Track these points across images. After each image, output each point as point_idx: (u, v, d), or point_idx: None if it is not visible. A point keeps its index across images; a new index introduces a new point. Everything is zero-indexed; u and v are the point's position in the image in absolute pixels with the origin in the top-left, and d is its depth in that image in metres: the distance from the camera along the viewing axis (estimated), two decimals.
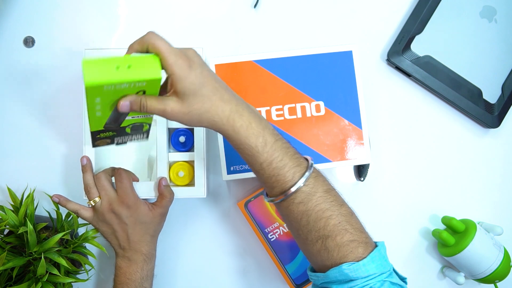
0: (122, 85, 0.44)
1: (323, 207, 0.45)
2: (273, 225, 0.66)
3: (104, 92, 0.44)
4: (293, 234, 0.50)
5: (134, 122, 0.52)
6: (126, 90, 0.45)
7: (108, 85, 0.43)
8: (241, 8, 0.73)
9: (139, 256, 0.60)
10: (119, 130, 0.53)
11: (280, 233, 0.66)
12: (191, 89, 0.45)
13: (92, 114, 0.47)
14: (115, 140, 0.56)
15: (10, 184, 0.67)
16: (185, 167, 0.65)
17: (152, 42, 0.44)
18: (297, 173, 0.46)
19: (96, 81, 0.42)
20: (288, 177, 0.46)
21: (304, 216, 0.46)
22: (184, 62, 0.45)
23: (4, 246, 0.57)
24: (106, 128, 0.51)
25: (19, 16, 0.71)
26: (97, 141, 0.55)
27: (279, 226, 0.66)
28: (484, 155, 0.74)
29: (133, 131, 0.54)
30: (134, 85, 0.44)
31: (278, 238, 0.66)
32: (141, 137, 0.57)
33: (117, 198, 0.59)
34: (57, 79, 0.71)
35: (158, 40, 0.45)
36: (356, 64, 0.64)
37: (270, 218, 0.66)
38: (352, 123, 0.63)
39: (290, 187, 0.45)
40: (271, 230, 0.66)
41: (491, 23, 0.72)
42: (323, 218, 0.45)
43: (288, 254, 0.66)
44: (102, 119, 0.49)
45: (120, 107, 0.46)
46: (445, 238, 0.67)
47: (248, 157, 0.47)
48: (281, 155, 0.46)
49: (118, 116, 0.49)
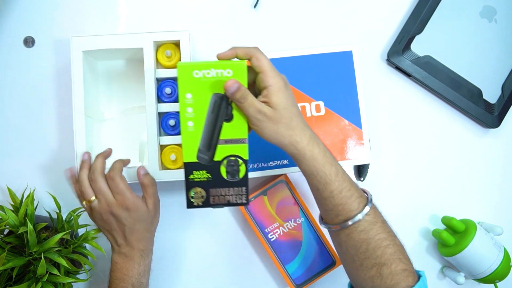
0: (210, 72, 0.49)
1: (382, 236, 0.50)
2: (273, 225, 0.66)
3: (194, 82, 0.49)
4: (345, 258, 0.53)
5: (229, 153, 0.51)
6: (214, 82, 0.49)
7: (197, 69, 0.49)
8: (241, 8, 0.73)
9: (136, 252, 0.59)
10: (214, 171, 0.52)
11: (280, 233, 0.66)
12: (285, 103, 0.49)
13: (185, 128, 0.50)
14: (210, 194, 0.52)
15: (10, 184, 0.67)
16: (177, 150, 0.65)
17: (257, 56, 0.49)
18: (361, 203, 0.50)
19: (186, 63, 0.49)
20: (354, 206, 0.50)
21: (364, 243, 0.49)
22: (282, 79, 0.50)
23: (4, 246, 0.57)
24: (200, 158, 0.51)
25: (19, 16, 0.71)
26: (191, 188, 0.52)
27: (279, 226, 0.66)
28: (484, 155, 0.74)
29: (229, 175, 0.52)
30: (221, 73, 0.49)
31: (278, 238, 0.66)
32: (239, 191, 0.53)
33: (116, 202, 0.57)
34: (57, 79, 0.71)
35: (263, 55, 0.50)
36: (356, 64, 0.64)
37: (270, 218, 0.66)
38: (352, 123, 0.64)
39: (355, 216, 0.49)
40: (271, 230, 0.66)
41: (491, 23, 0.72)
42: (381, 247, 0.49)
43: (288, 254, 0.66)
44: (194, 137, 0.50)
45: (228, 86, 0.48)
46: (445, 238, 0.67)
47: (319, 184, 0.50)
48: (349, 185, 0.50)
49: (212, 135, 0.51)
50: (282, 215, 0.67)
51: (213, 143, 0.51)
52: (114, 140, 0.70)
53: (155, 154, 0.63)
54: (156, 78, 0.65)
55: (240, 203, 0.53)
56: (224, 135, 0.51)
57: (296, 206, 0.67)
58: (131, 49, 0.64)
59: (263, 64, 0.49)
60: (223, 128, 0.51)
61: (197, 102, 0.50)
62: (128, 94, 0.70)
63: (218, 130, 0.51)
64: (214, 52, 0.72)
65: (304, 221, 0.67)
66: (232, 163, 0.52)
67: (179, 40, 0.63)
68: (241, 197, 0.53)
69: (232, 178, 0.52)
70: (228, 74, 0.49)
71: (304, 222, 0.67)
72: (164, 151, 0.65)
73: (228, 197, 0.53)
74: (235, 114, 0.51)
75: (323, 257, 0.67)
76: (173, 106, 0.65)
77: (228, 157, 0.52)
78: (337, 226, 0.51)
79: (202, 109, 0.50)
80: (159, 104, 0.64)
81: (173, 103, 0.65)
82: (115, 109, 0.70)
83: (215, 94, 0.50)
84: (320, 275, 0.66)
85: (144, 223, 0.59)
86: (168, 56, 0.65)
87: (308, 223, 0.67)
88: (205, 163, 0.51)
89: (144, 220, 0.59)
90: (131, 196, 0.58)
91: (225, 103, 0.50)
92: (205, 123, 0.51)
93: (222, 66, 0.49)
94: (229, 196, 0.53)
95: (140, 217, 0.59)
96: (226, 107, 0.51)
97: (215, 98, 0.50)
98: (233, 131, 0.51)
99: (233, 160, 0.52)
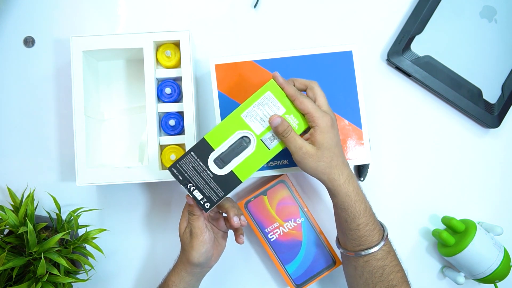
0: None
1: (395, 263, 0.56)
2: (273, 225, 0.66)
3: None
4: (357, 280, 0.58)
5: None
6: None
7: None
8: (241, 8, 0.73)
9: (202, 274, 0.61)
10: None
11: (280, 233, 0.66)
12: (328, 143, 0.53)
13: None
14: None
15: (10, 184, 0.67)
16: (177, 150, 0.65)
17: (316, 92, 0.55)
18: (380, 235, 0.56)
19: None
20: (375, 238, 0.56)
21: (380, 269, 0.56)
22: (329, 120, 0.53)
23: (4, 246, 0.58)
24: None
25: (19, 16, 0.71)
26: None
27: (279, 226, 0.66)
28: (484, 155, 0.74)
29: None
30: None
31: (278, 238, 0.66)
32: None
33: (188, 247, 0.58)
34: (57, 79, 0.71)
35: (320, 91, 0.56)
36: (356, 64, 0.64)
37: (270, 218, 0.66)
38: (352, 123, 0.64)
39: (375, 246, 0.55)
40: (271, 230, 0.66)
41: (491, 23, 0.72)
42: (394, 272, 0.56)
43: (288, 254, 0.66)
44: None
45: (271, 120, 0.54)
46: (445, 238, 0.67)
47: (348, 217, 0.56)
48: (373, 220, 0.56)
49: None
50: (282, 215, 0.67)
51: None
52: (114, 140, 0.70)
53: (155, 154, 0.63)
54: (156, 78, 0.65)
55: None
56: None
57: (296, 206, 0.67)
58: (131, 49, 0.64)
59: (306, 107, 0.53)
60: None
61: None
62: (128, 94, 0.70)
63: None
64: (214, 52, 0.72)
65: (304, 221, 0.67)
66: None
67: (179, 40, 0.63)
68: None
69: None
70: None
71: (304, 222, 0.67)
72: (164, 151, 0.65)
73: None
74: None
75: (323, 257, 0.67)
76: (173, 106, 0.65)
77: None
78: (353, 253, 0.57)
79: None
80: (159, 104, 0.64)
81: (173, 103, 0.65)
82: (115, 109, 0.70)
83: None
84: (320, 275, 0.66)
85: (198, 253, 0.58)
86: (168, 56, 0.65)
87: (308, 223, 0.67)
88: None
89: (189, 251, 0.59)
90: (181, 224, 0.60)
91: None
92: None
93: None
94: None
95: (184, 246, 0.59)
96: None
97: None
98: None
99: None
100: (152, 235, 0.71)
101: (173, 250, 0.71)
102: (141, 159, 0.69)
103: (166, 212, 0.71)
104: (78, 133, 0.62)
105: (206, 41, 0.72)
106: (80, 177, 0.62)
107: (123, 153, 0.69)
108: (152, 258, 0.71)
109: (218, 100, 0.63)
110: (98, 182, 0.62)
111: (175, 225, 0.71)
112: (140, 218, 0.71)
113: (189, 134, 0.63)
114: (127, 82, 0.70)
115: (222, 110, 0.63)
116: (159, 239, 0.71)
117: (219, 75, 0.63)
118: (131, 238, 0.71)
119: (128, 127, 0.70)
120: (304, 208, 0.67)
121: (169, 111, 0.65)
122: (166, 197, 0.71)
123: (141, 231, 0.71)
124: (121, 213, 0.71)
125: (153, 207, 0.71)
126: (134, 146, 0.69)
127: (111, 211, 0.70)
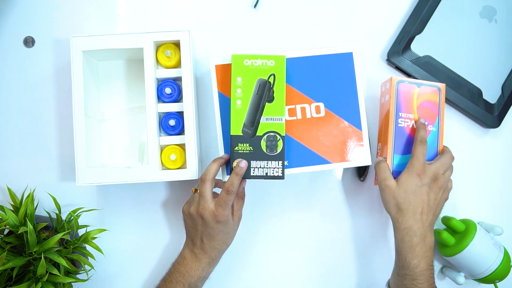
0: (256, 61, 0.60)
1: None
2: (408, 114, 0.65)
3: (244, 68, 0.59)
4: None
5: (269, 129, 0.59)
6: (259, 70, 0.59)
7: (247, 59, 0.60)
8: (241, 8, 0.73)
9: (206, 258, 0.60)
10: (255, 145, 0.59)
11: (409, 125, 0.65)
12: (407, 187, 0.59)
13: (234, 105, 0.59)
14: (251, 165, 0.59)
15: (10, 184, 0.67)
16: (177, 150, 0.65)
17: (443, 153, 0.64)
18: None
19: (239, 54, 0.60)
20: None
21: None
22: (422, 171, 0.60)
23: (4, 246, 0.58)
24: (244, 132, 0.59)
25: (19, 16, 0.71)
26: (234, 159, 0.59)
27: (413, 119, 0.65)
28: (484, 155, 0.74)
29: (268, 149, 0.59)
30: (266, 63, 0.60)
31: (405, 127, 0.65)
32: (276, 164, 0.59)
33: (212, 211, 0.57)
34: (57, 79, 0.71)
35: (446, 157, 0.63)
36: (356, 65, 0.63)
37: (409, 108, 0.65)
38: (352, 124, 0.63)
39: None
40: (404, 117, 0.65)
41: (491, 23, 0.72)
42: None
43: (403, 146, 0.65)
44: (241, 114, 0.59)
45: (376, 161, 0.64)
46: (445, 238, 0.67)
47: (398, 262, 0.60)
48: (424, 281, 0.58)
49: (256, 112, 0.59)
50: (420, 113, 0.65)
51: (256, 120, 0.59)
52: (114, 140, 0.70)
53: (155, 154, 0.63)
54: (156, 78, 0.65)
55: (276, 177, 0.59)
56: (265, 114, 0.60)
57: (436, 115, 0.66)
58: (131, 49, 0.64)
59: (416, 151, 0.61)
60: (265, 107, 0.59)
61: (245, 85, 0.59)
62: (128, 94, 0.70)
63: (261, 109, 0.59)
64: (214, 52, 0.72)
65: (434, 132, 0.66)
66: (271, 138, 0.59)
67: (179, 40, 0.63)
68: (278, 171, 0.59)
69: (270, 152, 0.59)
70: (271, 64, 0.60)
71: (433, 133, 0.66)
72: (164, 151, 0.65)
73: (266, 170, 0.59)
74: (276, 97, 0.60)
75: None
76: (173, 106, 0.65)
77: (268, 132, 0.59)
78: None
79: (248, 91, 0.60)
80: (159, 104, 0.64)
81: (173, 103, 0.65)
82: (115, 109, 0.70)
83: (259, 79, 0.60)
84: None
85: (225, 236, 0.60)
86: (168, 56, 0.65)
87: (435, 136, 0.66)
88: (248, 137, 0.59)
89: (227, 233, 0.60)
90: (228, 214, 0.59)
91: (268, 87, 0.60)
92: (250, 103, 0.59)
93: (267, 57, 0.60)
94: (267, 169, 0.59)
95: (224, 229, 0.59)
96: (269, 90, 0.60)
97: (259, 82, 0.60)
98: (273, 110, 0.60)
99: (272, 135, 0.60)
100: (152, 235, 0.71)
101: (173, 250, 0.71)
102: (141, 159, 0.69)
103: (166, 212, 0.71)
104: (78, 133, 0.62)
105: (206, 41, 0.72)
106: (80, 177, 0.62)
107: (123, 153, 0.69)
108: (152, 258, 0.71)
109: (218, 100, 0.63)
110: (98, 182, 0.62)
111: (175, 225, 0.71)
112: (140, 218, 0.71)
113: (189, 134, 0.63)
114: (127, 82, 0.70)
115: (222, 110, 0.62)
116: (159, 239, 0.71)
117: (219, 75, 0.63)
118: (131, 238, 0.71)
119: (128, 127, 0.70)
120: (441, 122, 0.66)
121: (169, 111, 0.65)
122: (166, 197, 0.71)
123: (141, 231, 0.71)
124: (121, 213, 0.71)
125: (153, 207, 0.71)
126: (134, 146, 0.69)
127: (111, 211, 0.70)
